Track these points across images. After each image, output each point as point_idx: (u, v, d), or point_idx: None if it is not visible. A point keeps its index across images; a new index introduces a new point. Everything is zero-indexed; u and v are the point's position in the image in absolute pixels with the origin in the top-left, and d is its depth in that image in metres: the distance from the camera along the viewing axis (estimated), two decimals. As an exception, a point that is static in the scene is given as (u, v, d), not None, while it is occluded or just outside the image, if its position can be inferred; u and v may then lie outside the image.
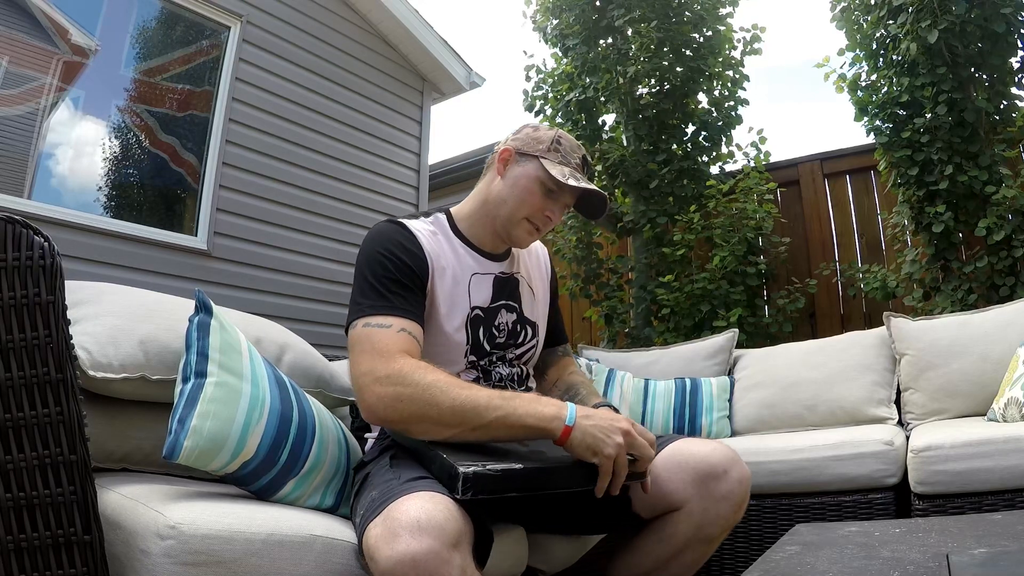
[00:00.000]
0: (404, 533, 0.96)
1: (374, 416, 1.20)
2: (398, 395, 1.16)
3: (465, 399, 1.15)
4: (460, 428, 1.16)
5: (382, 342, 1.23)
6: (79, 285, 1.38)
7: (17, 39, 3.22)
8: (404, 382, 1.17)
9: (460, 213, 1.52)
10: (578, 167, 1.46)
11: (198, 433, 1.10)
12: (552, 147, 1.45)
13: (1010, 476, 1.69)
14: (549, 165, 1.42)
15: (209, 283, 3.58)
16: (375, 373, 1.19)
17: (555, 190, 1.42)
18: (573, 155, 1.46)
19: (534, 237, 1.48)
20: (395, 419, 1.18)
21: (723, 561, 2.04)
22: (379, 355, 1.21)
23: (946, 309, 3.17)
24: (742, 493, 1.29)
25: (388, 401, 1.17)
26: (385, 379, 1.18)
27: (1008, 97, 3.43)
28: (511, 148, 1.47)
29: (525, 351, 1.51)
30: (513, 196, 1.44)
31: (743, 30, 4.45)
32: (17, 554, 0.94)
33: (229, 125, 3.85)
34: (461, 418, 1.15)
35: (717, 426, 2.52)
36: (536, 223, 1.45)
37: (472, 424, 1.15)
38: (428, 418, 1.15)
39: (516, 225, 1.44)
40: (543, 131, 1.49)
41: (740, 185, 4.15)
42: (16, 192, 3.18)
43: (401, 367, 1.19)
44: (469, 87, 5.19)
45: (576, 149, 1.48)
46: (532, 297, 1.56)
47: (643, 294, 4.24)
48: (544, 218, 1.44)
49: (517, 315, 1.50)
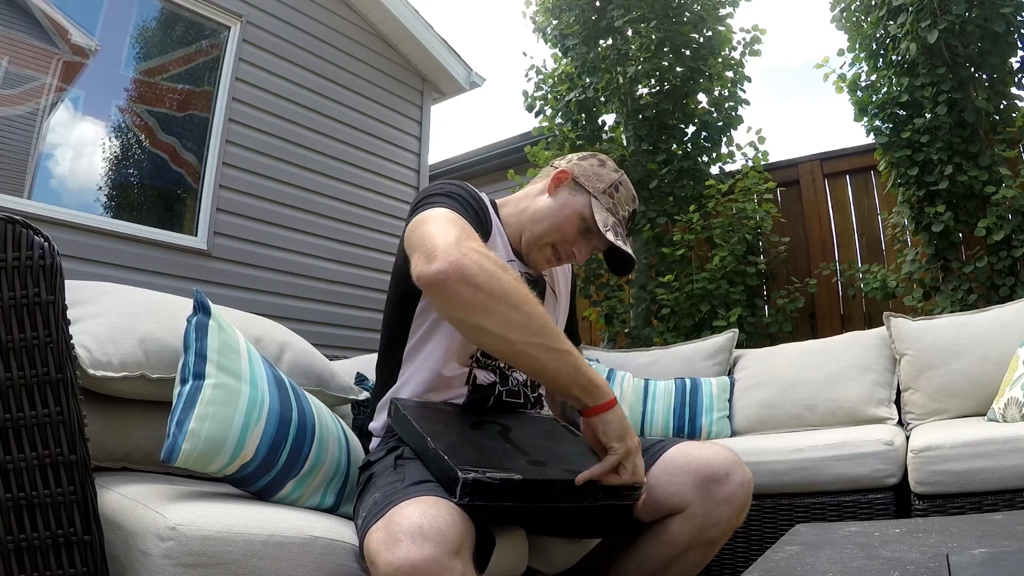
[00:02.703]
0: (405, 539, 0.95)
1: (456, 274, 1.06)
2: (497, 275, 1.09)
3: (548, 319, 1.13)
4: (536, 337, 1.10)
5: (469, 229, 1.18)
6: (79, 285, 1.38)
7: (17, 39, 3.22)
8: (506, 269, 1.12)
9: (502, 209, 1.50)
10: (622, 220, 1.43)
11: (196, 436, 1.09)
12: (608, 191, 1.42)
13: (1010, 476, 1.69)
14: (597, 207, 1.39)
15: (209, 283, 3.59)
16: (466, 242, 1.12)
17: (592, 232, 1.40)
18: (624, 207, 1.43)
19: (550, 265, 1.46)
20: (485, 289, 1.07)
21: (723, 562, 2.04)
22: (469, 235, 1.16)
23: (946, 309, 3.17)
24: (744, 496, 1.28)
25: (487, 272, 1.08)
26: (488, 256, 1.11)
27: (1008, 97, 3.43)
28: (570, 172, 1.45)
29: None
30: (551, 219, 1.41)
31: (743, 31, 4.45)
32: (17, 554, 0.94)
33: (229, 125, 3.85)
34: (543, 330, 1.11)
35: (717, 426, 2.52)
36: (560, 253, 1.42)
37: (550, 343, 1.11)
38: (517, 308, 1.09)
39: (541, 248, 1.42)
40: (607, 171, 1.45)
41: (739, 185, 4.15)
42: (16, 192, 3.18)
43: (498, 259, 1.13)
44: (469, 87, 5.19)
45: (629, 202, 1.45)
46: (555, 301, 1.55)
47: (643, 294, 4.24)
48: (570, 252, 1.42)
49: None
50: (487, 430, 1.28)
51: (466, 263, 1.08)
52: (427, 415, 1.26)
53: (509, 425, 1.32)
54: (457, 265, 1.07)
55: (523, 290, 1.11)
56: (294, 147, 4.16)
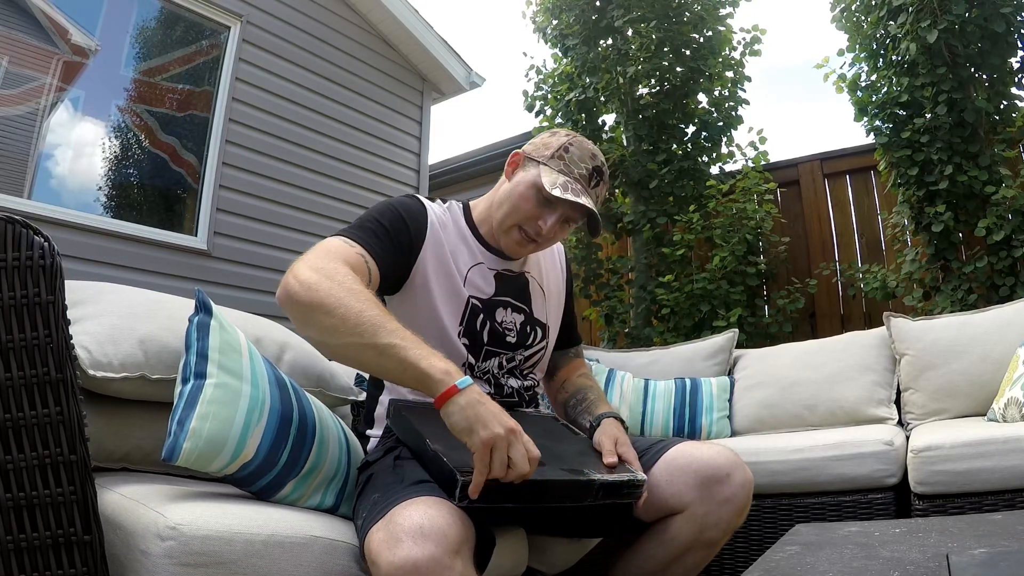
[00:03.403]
0: (406, 539, 0.95)
1: (282, 295, 1.14)
2: (317, 284, 1.11)
3: (374, 315, 1.09)
4: (352, 338, 1.09)
5: (338, 249, 1.21)
6: (79, 285, 1.37)
7: (17, 39, 3.22)
8: (332, 277, 1.12)
9: (475, 208, 1.48)
10: (582, 177, 1.36)
11: (197, 435, 1.09)
12: (557, 154, 1.37)
13: (1010, 476, 1.69)
14: (545, 172, 1.35)
15: (209, 283, 3.59)
16: (312, 263, 1.15)
17: (549, 199, 1.34)
18: (580, 164, 1.37)
19: (526, 248, 1.40)
20: (301, 301, 1.11)
21: (723, 562, 2.04)
22: (326, 254, 1.18)
23: (946, 309, 3.17)
24: (745, 497, 1.28)
25: (304, 285, 1.11)
26: (319, 269, 1.13)
27: (1008, 97, 3.43)
28: (522, 152, 1.42)
29: (534, 353, 1.47)
30: (509, 201, 1.38)
31: (743, 31, 4.46)
32: (17, 554, 0.94)
33: (229, 125, 3.85)
34: (359, 328, 1.08)
35: (717, 426, 2.52)
36: (528, 231, 1.37)
37: (366, 340, 1.08)
38: (331, 314, 1.09)
39: (507, 232, 1.38)
40: (557, 137, 1.41)
41: (740, 185, 4.15)
42: (16, 192, 3.18)
43: (338, 268, 1.15)
44: (469, 87, 5.19)
45: (587, 159, 1.38)
46: (543, 297, 1.51)
47: (643, 294, 4.24)
48: (537, 228, 1.36)
49: (526, 316, 1.45)
50: None
51: (289, 282, 1.14)
52: (426, 416, 1.26)
53: None
54: (283, 286, 1.15)
55: (340, 293, 1.10)
56: (294, 147, 4.16)
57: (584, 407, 1.47)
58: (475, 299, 1.38)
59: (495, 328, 1.39)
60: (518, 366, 1.43)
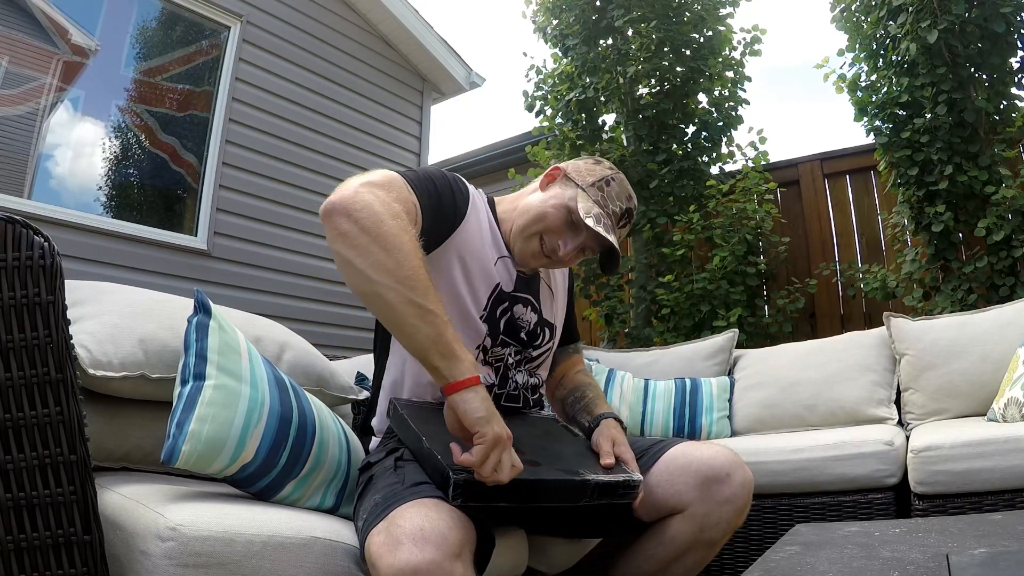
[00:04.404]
0: (407, 542, 0.95)
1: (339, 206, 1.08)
2: (381, 214, 1.07)
3: (426, 277, 1.08)
4: (399, 285, 1.05)
5: (400, 189, 1.17)
6: (79, 285, 1.38)
7: (17, 39, 3.22)
8: (397, 216, 1.09)
9: (499, 205, 1.48)
10: (614, 214, 1.38)
11: (196, 437, 1.09)
12: (598, 184, 1.39)
13: (1010, 476, 1.69)
14: (582, 197, 1.36)
15: (209, 283, 3.59)
16: (376, 191, 1.12)
17: (578, 224, 1.35)
18: (616, 202, 1.39)
19: (539, 261, 1.40)
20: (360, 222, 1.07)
21: (723, 562, 2.04)
22: (391, 189, 1.15)
23: (946, 309, 3.17)
24: (745, 497, 1.28)
25: (368, 208, 1.07)
26: (384, 201, 1.10)
27: (1008, 97, 3.42)
28: (563, 168, 1.43)
29: (542, 352, 1.48)
30: (539, 209, 1.38)
31: (743, 31, 4.45)
32: (17, 554, 0.94)
33: (229, 125, 3.85)
34: (411, 281, 1.05)
35: (717, 426, 2.52)
36: (546, 245, 1.37)
37: (413, 296, 1.05)
38: (388, 252, 1.06)
39: (527, 239, 1.38)
40: (601, 169, 1.43)
41: (740, 185, 4.15)
42: (16, 192, 3.18)
43: (399, 211, 1.11)
44: (469, 87, 5.19)
45: (623, 199, 1.40)
46: (551, 297, 1.52)
47: (643, 294, 4.24)
48: (555, 245, 1.36)
49: (538, 316, 1.46)
50: None
51: (354, 199, 1.08)
52: (425, 415, 1.26)
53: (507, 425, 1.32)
54: (344, 199, 1.09)
55: (404, 239, 1.07)
56: (294, 147, 4.16)
57: (583, 405, 1.48)
58: (502, 288, 1.38)
59: (513, 320, 1.40)
60: (526, 362, 1.44)
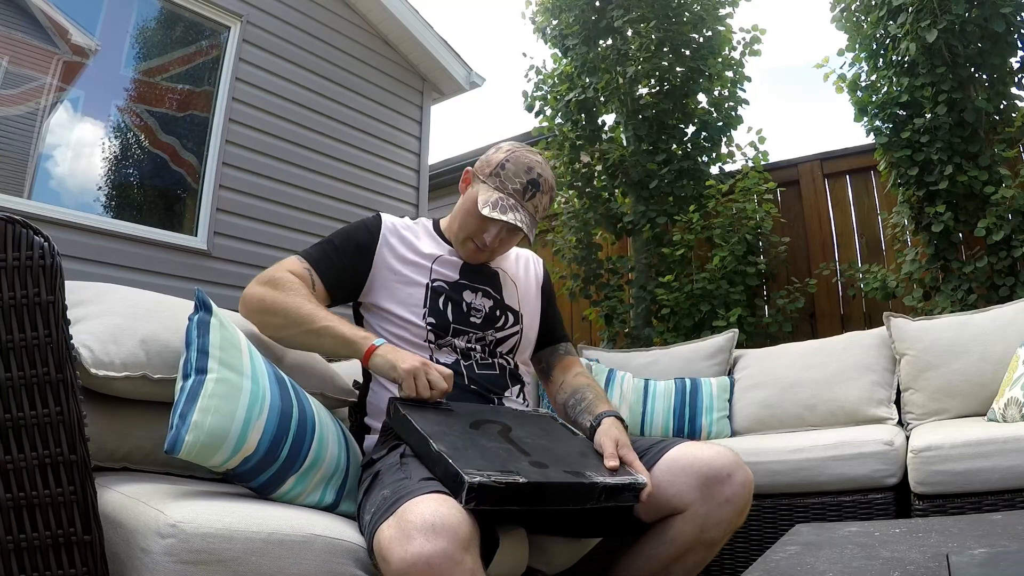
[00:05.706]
0: (418, 535, 0.96)
1: (241, 308, 1.46)
2: (263, 295, 1.43)
3: (309, 308, 1.39)
4: (296, 328, 1.39)
5: (289, 263, 1.49)
6: (79, 285, 1.38)
7: (17, 39, 3.22)
8: (277, 285, 1.43)
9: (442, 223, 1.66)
10: (516, 192, 1.48)
11: (199, 428, 1.10)
12: (494, 172, 1.51)
13: (1010, 476, 1.69)
14: (482, 191, 1.49)
15: (209, 283, 3.58)
16: (261, 277, 1.46)
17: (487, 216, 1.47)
18: (514, 180, 1.49)
19: (481, 256, 1.55)
20: (253, 311, 1.44)
21: (723, 562, 2.04)
22: (278, 266, 1.48)
23: (946, 309, 3.16)
24: (745, 497, 1.29)
25: (258, 297, 1.43)
26: (267, 280, 1.45)
27: (1008, 97, 3.42)
28: (470, 169, 1.58)
29: (507, 336, 1.54)
30: (459, 217, 1.55)
31: (743, 31, 4.45)
32: (17, 554, 0.94)
33: (229, 125, 3.85)
34: (299, 320, 1.38)
35: (717, 426, 2.52)
36: (476, 242, 1.52)
37: (305, 327, 1.38)
38: (277, 314, 1.41)
39: (462, 244, 1.54)
40: (498, 153, 1.54)
41: (740, 185, 4.15)
42: (16, 192, 3.18)
43: (284, 275, 1.44)
44: (469, 87, 5.19)
45: (522, 173, 1.51)
46: (515, 288, 1.61)
47: (643, 294, 4.24)
48: (483, 240, 1.51)
49: (496, 301, 1.54)
50: (488, 430, 1.28)
51: (245, 296, 1.46)
52: (426, 415, 1.26)
53: (509, 425, 1.32)
54: (243, 297, 1.46)
55: (281, 299, 1.41)
56: (294, 147, 4.16)
57: (584, 406, 1.48)
58: (440, 282, 1.51)
59: (460, 308, 1.50)
60: (490, 346, 1.51)
